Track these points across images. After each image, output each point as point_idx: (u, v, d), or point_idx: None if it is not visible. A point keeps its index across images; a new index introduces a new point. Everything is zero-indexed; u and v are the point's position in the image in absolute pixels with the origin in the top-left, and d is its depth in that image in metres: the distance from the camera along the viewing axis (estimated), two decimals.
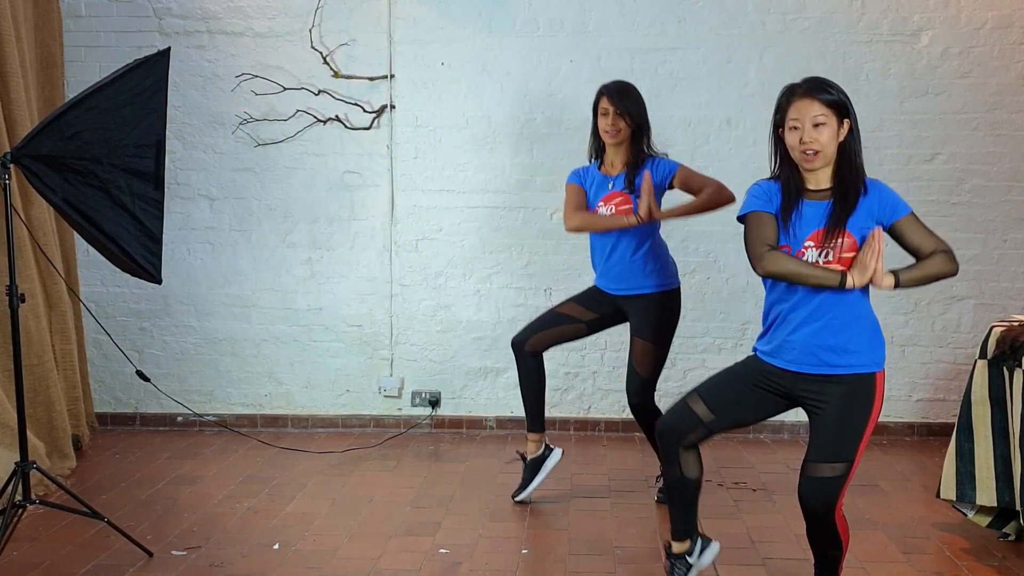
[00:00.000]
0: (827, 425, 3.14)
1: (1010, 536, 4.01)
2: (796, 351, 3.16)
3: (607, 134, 4.29)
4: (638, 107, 4.31)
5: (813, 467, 3.17)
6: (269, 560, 3.88)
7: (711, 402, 3.26)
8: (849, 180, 3.11)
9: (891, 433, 5.59)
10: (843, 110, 3.12)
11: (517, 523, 4.30)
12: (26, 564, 3.82)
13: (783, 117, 3.15)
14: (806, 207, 3.13)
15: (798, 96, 3.13)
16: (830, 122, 3.09)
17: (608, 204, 4.32)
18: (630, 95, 4.31)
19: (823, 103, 3.09)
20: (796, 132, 3.10)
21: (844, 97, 3.13)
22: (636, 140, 4.31)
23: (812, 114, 3.08)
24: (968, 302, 5.50)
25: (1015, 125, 5.41)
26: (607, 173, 4.38)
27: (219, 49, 5.59)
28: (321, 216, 5.66)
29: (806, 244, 3.11)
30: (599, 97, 4.34)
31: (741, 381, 3.28)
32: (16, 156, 3.72)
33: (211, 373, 5.77)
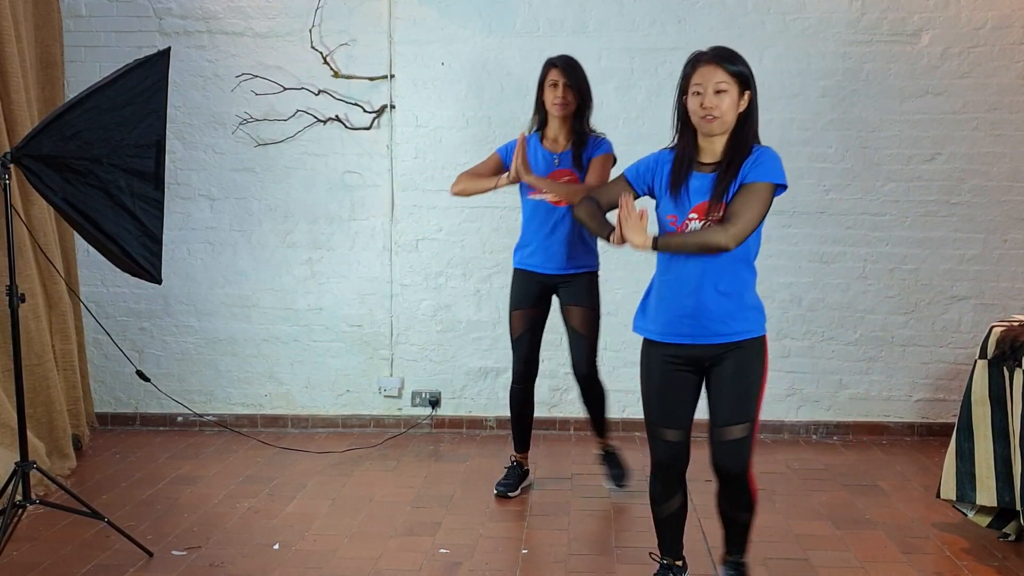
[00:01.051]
0: (727, 388, 3.22)
1: (1010, 536, 4.01)
2: (692, 326, 3.20)
3: (556, 106, 4.34)
4: (585, 82, 4.38)
5: (724, 431, 3.25)
6: (269, 560, 3.88)
7: (670, 421, 3.29)
8: (738, 152, 3.16)
9: (891, 433, 5.59)
10: (745, 82, 3.17)
11: (517, 523, 4.31)
12: (26, 564, 3.82)
13: (687, 82, 3.19)
14: (693, 179, 3.18)
15: (703, 62, 3.17)
16: (731, 91, 3.14)
17: (556, 181, 4.35)
18: (579, 70, 4.38)
19: (727, 71, 3.15)
20: (698, 97, 3.14)
21: (748, 70, 3.19)
22: (579, 115, 4.38)
23: (715, 80, 3.13)
24: (968, 302, 5.50)
25: (1015, 125, 5.41)
26: (551, 149, 4.42)
27: (219, 49, 5.59)
28: (321, 216, 5.66)
29: (690, 216, 3.17)
30: (548, 69, 4.39)
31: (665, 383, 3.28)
32: (16, 156, 3.72)
33: (211, 373, 5.77)
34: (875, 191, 5.48)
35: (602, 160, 4.35)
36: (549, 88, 4.36)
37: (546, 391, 5.48)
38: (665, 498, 3.41)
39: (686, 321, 3.20)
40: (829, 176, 5.49)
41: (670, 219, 3.20)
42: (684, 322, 3.20)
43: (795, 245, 5.52)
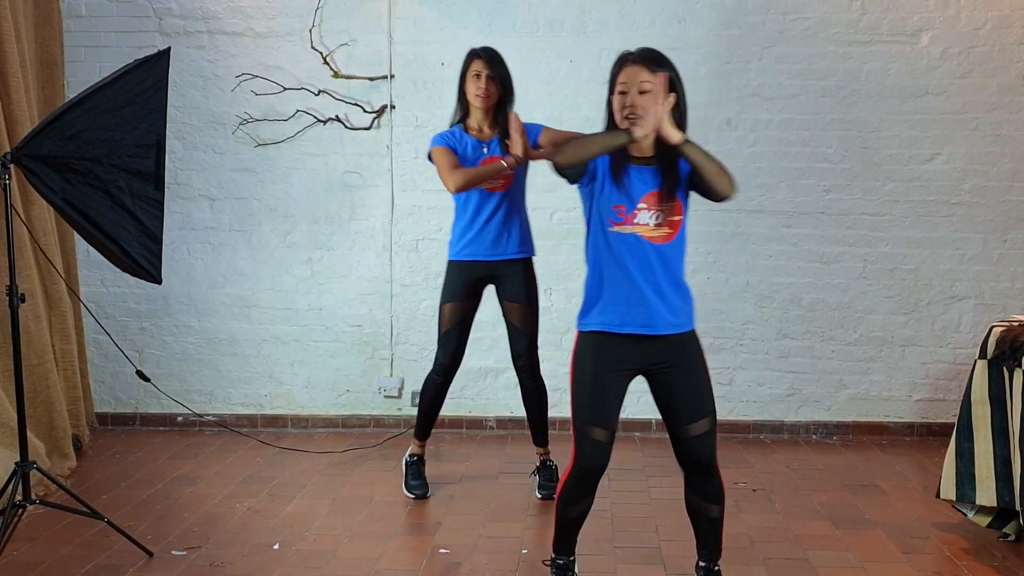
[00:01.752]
0: (685, 385, 3.26)
1: (1010, 536, 4.01)
2: (642, 315, 3.21)
3: (479, 97, 4.37)
4: (507, 74, 4.44)
5: (692, 428, 3.26)
6: (269, 560, 3.88)
7: (601, 421, 3.27)
8: (672, 150, 3.18)
9: (891, 433, 5.59)
10: (671, 84, 3.18)
11: (517, 523, 4.31)
12: (26, 564, 3.82)
13: (614, 82, 3.22)
14: (633, 171, 3.21)
15: (630, 62, 3.21)
16: (657, 90, 3.15)
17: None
18: (501, 62, 4.43)
19: (652, 72, 3.16)
20: (623, 96, 3.18)
21: (674, 72, 3.21)
22: (501, 106, 4.42)
23: (640, 79, 3.16)
24: (968, 302, 5.50)
25: (1015, 125, 5.41)
26: (479, 138, 4.44)
27: (219, 49, 5.59)
28: (321, 216, 5.66)
29: (639, 205, 3.19)
30: (471, 60, 4.42)
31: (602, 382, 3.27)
32: (16, 156, 3.72)
33: (211, 373, 5.77)
34: (875, 191, 5.49)
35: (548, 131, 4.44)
36: (472, 79, 4.39)
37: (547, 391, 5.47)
38: (580, 499, 3.36)
39: (642, 311, 3.21)
40: (829, 176, 5.49)
41: (617, 209, 3.20)
42: (640, 312, 3.21)
43: (795, 245, 5.52)
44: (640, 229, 3.19)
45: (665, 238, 3.19)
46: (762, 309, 5.57)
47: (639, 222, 3.19)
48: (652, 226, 3.19)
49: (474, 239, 4.43)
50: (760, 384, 5.61)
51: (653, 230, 3.19)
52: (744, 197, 5.48)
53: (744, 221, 5.51)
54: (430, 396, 4.63)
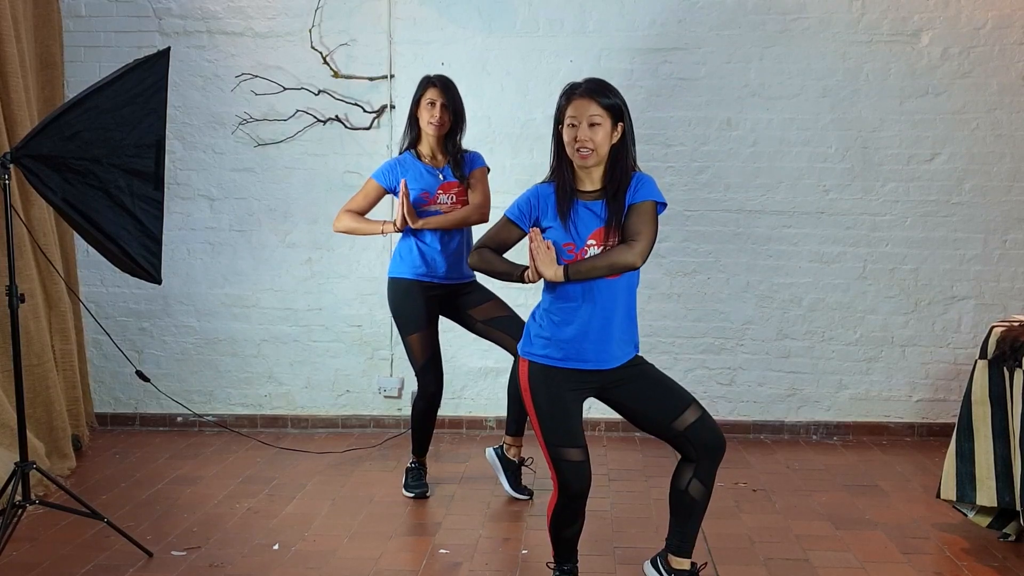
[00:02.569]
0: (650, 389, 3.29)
1: (1010, 536, 4.01)
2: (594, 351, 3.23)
3: (432, 125, 4.39)
4: (461, 104, 4.46)
5: (682, 420, 3.26)
6: (269, 560, 3.88)
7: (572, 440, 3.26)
8: (619, 181, 3.21)
9: (891, 433, 5.59)
10: (619, 114, 3.21)
11: (517, 523, 4.30)
12: (26, 564, 3.82)
13: (562, 115, 3.23)
14: (581, 207, 3.23)
15: (577, 95, 3.21)
16: (605, 123, 3.18)
17: (448, 192, 4.44)
18: (455, 91, 4.45)
19: (600, 104, 3.18)
20: (573, 129, 3.18)
21: (621, 102, 3.23)
22: (452, 134, 4.45)
23: (589, 113, 3.17)
24: (968, 302, 5.50)
25: (1015, 125, 5.41)
26: (433, 165, 4.47)
27: (219, 49, 5.59)
28: (321, 216, 5.66)
29: (588, 242, 3.21)
30: (425, 88, 4.43)
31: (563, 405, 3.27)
32: (16, 156, 3.72)
33: (211, 373, 5.77)
34: (875, 191, 5.48)
35: (481, 173, 4.49)
36: (426, 107, 4.40)
37: None
38: (571, 522, 3.37)
39: (592, 347, 3.22)
40: (829, 176, 5.49)
41: (567, 247, 3.22)
42: (590, 348, 3.23)
43: (795, 245, 5.52)
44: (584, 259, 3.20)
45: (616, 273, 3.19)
46: (762, 309, 5.57)
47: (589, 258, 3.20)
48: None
49: (434, 261, 4.44)
50: (760, 384, 5.61)
51: None
52: (744, 197, 5.49)
53: (744, 221, 5.51)
54: (420, 420, 4.62)
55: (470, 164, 4.49)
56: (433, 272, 4.45)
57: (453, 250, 4.45)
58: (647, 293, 5.59)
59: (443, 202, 4.44)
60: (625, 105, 3.23)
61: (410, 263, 4.46)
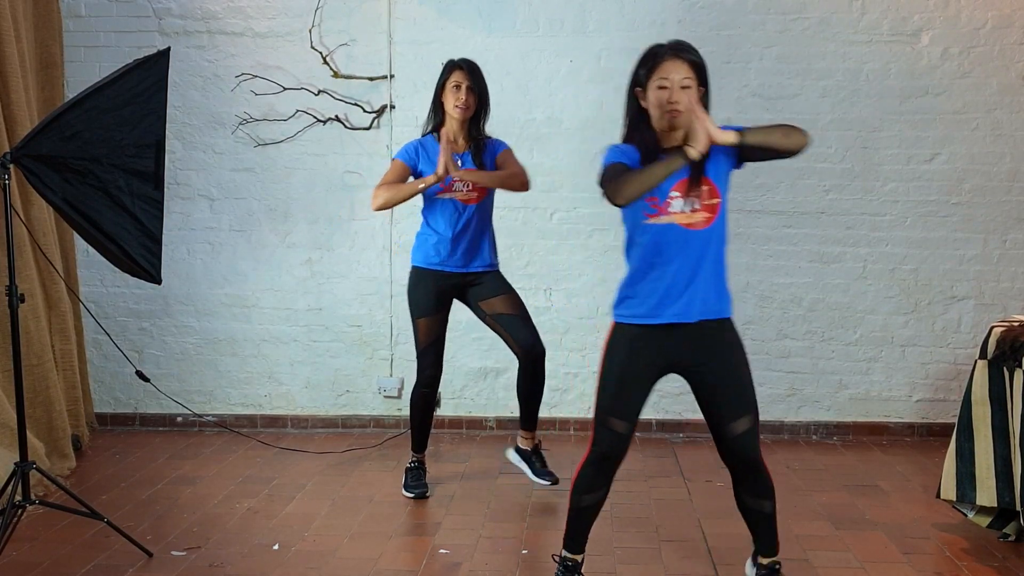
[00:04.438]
0: (725, 382, 3.25)
1: (1010, 537, 4.01)
2: (679, 304, 3.20)
3: (458, 108, 4.36)
4: (486, 88, 4.44)
5: (735, 426, 3.24)
6: (269, 560, 3.88)
7: (623, 413, 3.28)
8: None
9: (891, 433, 5.59)
10: (703, 75, 3.20)
11: (517, 523, 4.30)
12: (26, 564, 3.82)
13: (650, 75, 3.18)
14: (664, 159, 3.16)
15: (669, 56, 3.17)
16: (693, 85, 3.16)
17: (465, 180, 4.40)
18: (481, 74, 4.43)
19: (690, 65, 3.16)
20: (664, 91, 3.15)
21: (703, 62, 3.21)
22: (476, 119, 4.43)
23: (681, 75, 3.14)
24: (968, 302, 5.50)
25: (1015, 125, 5.41)
26: (453, 150, 4.41)
27: (219, 49, 5.59)
28: (321, 216, 5.66)
29: (671, 195, 3.17)
30: (451, 71, 4.41)
31: (630, 375, 3.27)
32: (16, 156, 3.72)
33: (211, 373, 5.77)
34: (875, 191, 5.48)
35: (507, 153, 4.46)
36: (451, 90, 4.38)
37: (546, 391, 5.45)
38: (593, 488, 3.37)
39: (678, 300, 3.19)
40: (829, 176, 5.49)
41: (650, 201, 3.18)
42: (676, 301, 3.20)
43: (795, 245, 5.52)
44: (676, 218, 3.17)
45: (704, 223, 3.17)
46: (762, 309, 5.57)
47: (673, 211, 3.17)
48: (688, 213, 3.17)
49: (446, 249, 4.43)
50: (760, 384, 5.52)
51: (689, 216, 3.17)
52: (744, 197, 5.48)
53: (744, 221, 5.50)
54: (420, 409, 4.64)
55: (493, 150, 4.45)
56: (445, 261, 4.44)
57: (466, 239, 4.42)
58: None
59: (458, 190, 4.40)
60: (706, 66, 3.21)
61: (423, 252, 4.48)
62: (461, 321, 5.65)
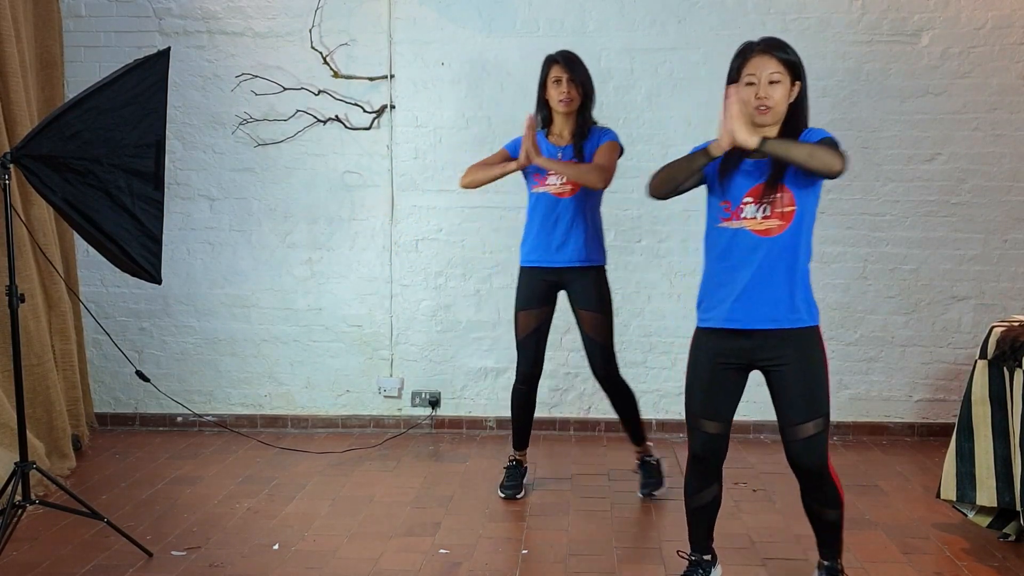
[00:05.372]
0: (795, 384, 3.21)
1: (1010, 537, 4.01)
2: (745, 310, 3.19)
3: (562, 103, 4.33)
4: (588, 76, 4.39)
5: (798, 429, 3.22)
6: (269, 560, 3.88)
7: (711, 414, 3.30)
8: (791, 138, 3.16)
9: (891, 433, 5.59)
10: (797, 71, 3.17)
11: (517, 523, 4.30)
12: (26, 564, 3.81)
13: (739, 72, 3.18)
14: (746, 164, 3.18)
15: (757, 52, 3.17)
16: (784, 81, 3.14)
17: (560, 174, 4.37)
18: (581, 64, 4.39)
19: (780, 61, 3.14)
20: (752, 87, 3.14)
21: (798, 59, 3.19)
22: (583, 109, 4.39)
23: (769, 71, 3.13)
24: (968, 302, 5.50)
25: (1015, 125, 5.41)
26: (555, 143, 4.42)
27: (219, 49, 5.59)
28: (321, 216, 5.66)
29: (744, 200, 3.16)
30: (550, 66, 4.38)
31: (711, 376, 3.30)
32: (16, 156, 3.72)
33: (211, 373, 5.77)
34: (875, 191, 5.48)
35: (609, 146, 4.36)
36: (552, 85, 4.36)
37: (546, 391, 5.47)
38: (697, 490, 3.38)
39: (746, 307, 3.18)
40: None
41: (723, 205, 3.18)
42: (744, 308, 3.18)
43: None
44: (747, 223, 3.16)
45: (777, 230, 3.14)
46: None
47: (745, 216, 3.16)
48: (759, 219, 3.14)
49: (539, 245, 4.42)
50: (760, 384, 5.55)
51: (760, 223, 3.15)
52: None
53: None
54: (517, 405, 4.61)
55: (596, 141, 4.36)
56: (541, 256, 4.42)
57: (559, 232, 4.37)
58: (647, 293, 5.60)
59: (551, 183, 4.37)
60: (802, 62, 3.18)
61: (524, 248, 4.50)
62: (461, 321, 5.67)
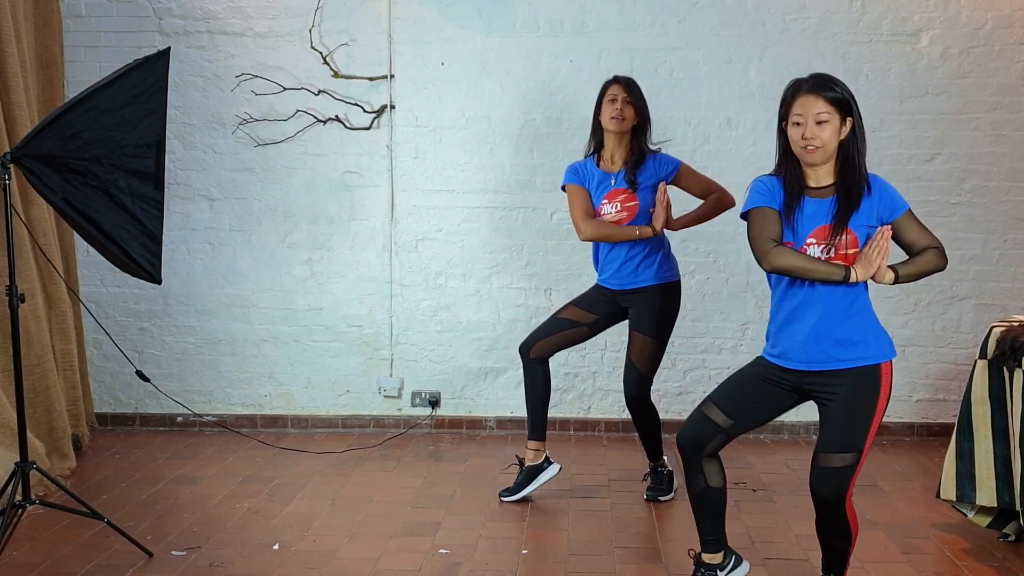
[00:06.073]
0: (836, 416, 3.19)
1: (1010, 536, 4.01)
2: (802, 348, 3.19)
3: (614, 120, 4.31)
4: (644, 101, 4.38)
5: (824, 457, 3.22)
6: (269, 560, 3.88)
7: (727, 407, 3.30)
8: (851, 178, 3.15)
9: (891, 433, 5.59)
10: (847, 108, 3.15)
11: (517, 523, 4.30)
12: (26, 564, 3.82)
13: (787, 111, 3.18)
14: (808, 204, 3.17)
15: (803, 92, 3.17)
16: (832, 119, 3.12)
17: (613, 201, 4.35)
18: (638, 88, 4.39)
19: (827, 100, 3.13)
20: (799, 128, 3.13)
21: (849, 96, 3.16)
22: (638, 135, 4.36)
23: (815, 111, 3.12)
24: (968, 302, 5.50)
25: (1015, 125, 5.41)
26: (606, 170, 4.39)
27: (219, 49, 5.59)
28: (321, 216, 5.66)
29: (808, 241, 3.15)
30: (607, 86, 4.39)
31: (750, 381, 3.32)
32: (16, 156, 3.72)
33: (211, 373, 5.77)
34: None
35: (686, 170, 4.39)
36: (608, 103, 4.34)
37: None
38: (688, 478, 3.36)
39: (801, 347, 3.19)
40: None
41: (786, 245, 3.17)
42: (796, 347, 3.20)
43: None
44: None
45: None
46: (762, 309, 5.56)
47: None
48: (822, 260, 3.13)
49: (603, 267, 4.44)
50: None
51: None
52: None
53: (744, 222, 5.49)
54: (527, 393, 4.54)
55: (657, 168, 4.34)
56: (605, 278, 4.43)
57: (618, 258, 4.36)
58: None
59: (607, 213, 4.34)
60: (853, 99, 3.16)
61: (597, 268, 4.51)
62: (461, 321, 5.67)
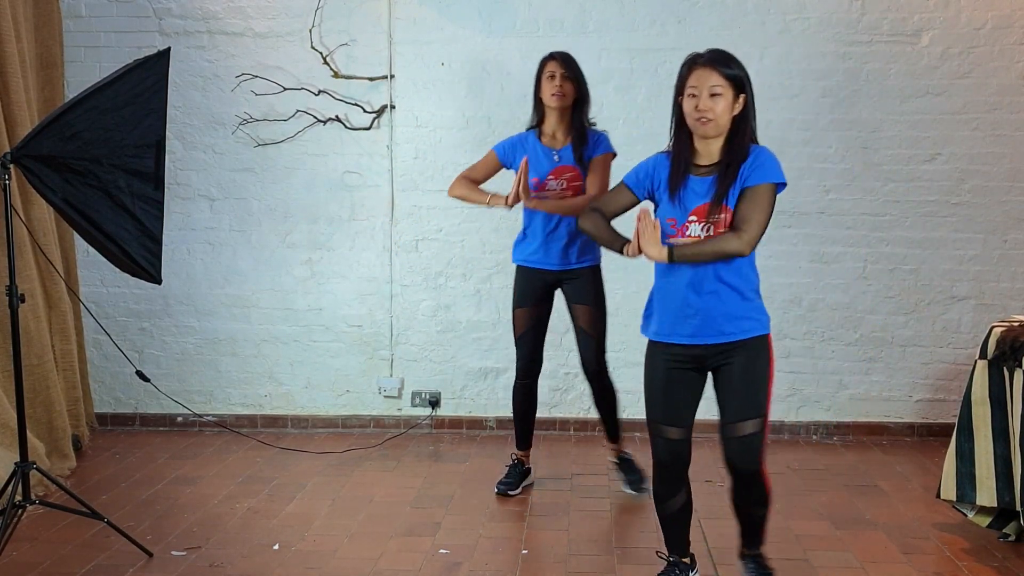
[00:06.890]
0: (736, 385, 3.25)
1: (1010, 537, 4.01)
2: (693, 324, 3.23)
3: (554, 97, 4.34)
4: (582, 77, 4.41)
5: (735, 427, 3.26)
6: (269, 560, 3.88)
7: (670, 419, 3.33)
8: (735, 155, 3.20)
9: (891, 433, 5.59)
10: (740, 85, 3.21)
11: (517, 523, 4.30)
12: (26, 564, 3.82)
13: (683, 84, 3.22)
14: (692, 182, 3.23)
15: (700, 65, 3.21)
16: (726, 94, 3.17)
17: (559, 178, 4.39)
18: (575, 64, 4.41)
19: (722, 75, 3.18)
20: (693, 99, 3.17)
21: (743, 73, 3.23)
22: (578, 110, 4.40)
23: (710, 83, 3.16)
24: (968, 302, 5.50)
25: (1015, 125, 5.41)
26: (550, 145, 4.42)
27: (219, 49, 5.59)
28: (321, 216, 5.66)
29: (690, 218, 3.21)
30: (545, 62, 4.41)
31: (667, 381, 3.32)
32: (16, 156, 3.72)
33: (211, 373, 5.77)
34: (875, 191, 5.48)
35: (602, 160, 4.38)
36: (546, 80, 4.38)
37: (546, 391, 5.47)
38: (667, 496, 3.43)
39: (689, 321, 3.24)
40: (829, 176, 5.49)
41: (670, 222, 3.23)
42: (688, 322, 3.24)
43: (795, 245, 5.52)
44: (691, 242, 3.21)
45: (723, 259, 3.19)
46: None
47: (690, 235, 3.20)
48: (703, 238, 3.19)
49: (539, 248, 4.44)
50: None
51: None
52: None
53: None
54: (518, 401, 4.68)
55: (594, 146, 4.38)
56: (541, 259, 4.45)
57: (559, 238, 4.40)
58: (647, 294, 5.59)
59: (552, 188, 4.38)
60: (747, 77, 3.22)
61: (521, 250, 4.52)
62: (461, 321, 5.67)
